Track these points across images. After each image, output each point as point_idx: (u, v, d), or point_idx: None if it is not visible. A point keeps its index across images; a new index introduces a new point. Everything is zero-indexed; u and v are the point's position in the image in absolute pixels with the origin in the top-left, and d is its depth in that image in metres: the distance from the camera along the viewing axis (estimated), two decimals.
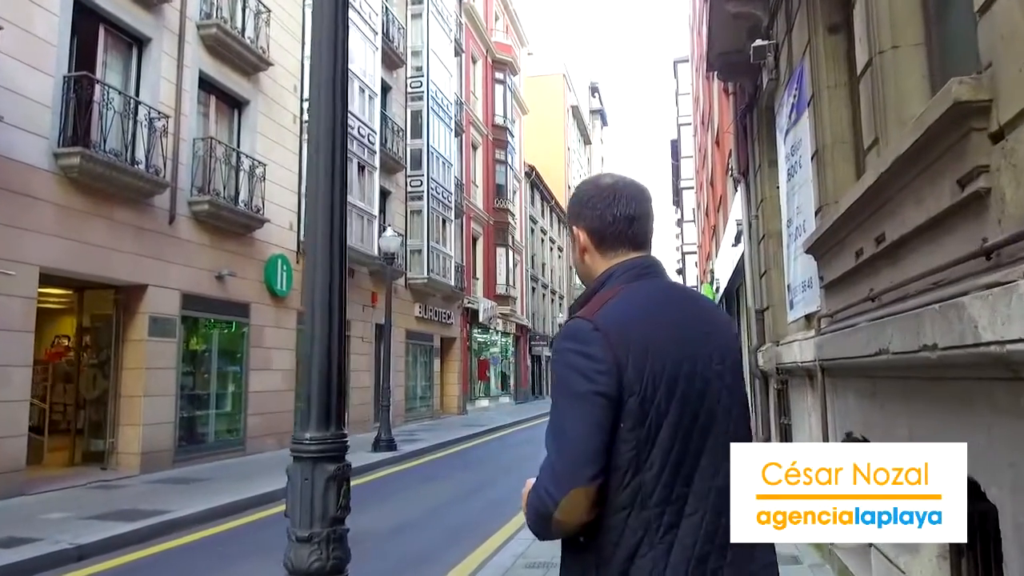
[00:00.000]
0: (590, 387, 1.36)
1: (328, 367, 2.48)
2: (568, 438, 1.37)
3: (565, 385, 1.40)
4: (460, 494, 9.89)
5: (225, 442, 13.05)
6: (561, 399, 1.41)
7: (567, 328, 1.46)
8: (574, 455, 1.35)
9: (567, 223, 1.73)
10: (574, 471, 1.34)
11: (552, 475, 1.36)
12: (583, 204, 1.62)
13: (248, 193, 13.28)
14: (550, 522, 1.37)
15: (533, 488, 1.41)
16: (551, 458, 1.38)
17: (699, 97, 25.56)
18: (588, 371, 1.37)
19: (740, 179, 10.37)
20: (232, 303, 13.06)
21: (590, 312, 1.45)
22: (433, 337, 24.12)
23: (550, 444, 1.40)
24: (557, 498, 1.34)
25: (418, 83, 22.26)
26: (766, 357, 8.71)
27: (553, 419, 1.42)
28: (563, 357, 1.42)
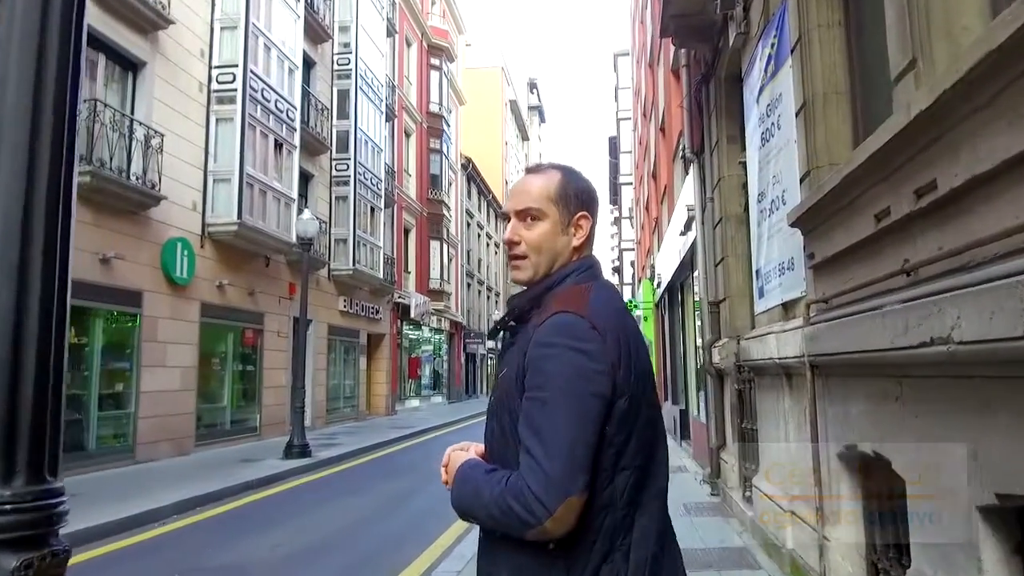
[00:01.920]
0: (589, 388, 1.30)
1: (15, 365, 1.28)
2: (562, 442, 1.27)
3: (559, 384, 1.30)
4: (380, 508, 8.65)
5: (110, 450, 11.42)
6: (554, 399, 1.30)
7: (560, 323, 1.35)
8: (571, 460, 1.27)
9: (561, 202, 1.52)
10: (571, 477, 1.26)
11: (545, 481, 1.25)
12: (591, 194, 1.56)
13: (142, 167, 11.67)
14: (531, 530, 1.26)
15: (505, 491, 1.28)
16: (539, 463, 1.27)
17: (641, 88, 24.88)
18: (587, 371, 1.31)
19: (693, 159, 9.46)
20: (121, 291, 11.43)
21: (575, 307, 1.37)
22: (359, 333, 22.65)
23: (534, 446, 1.29)
24: (552, 507, 1.24)
25: (346, 60, 20.77)
26: (723, 353, 7.79)
27: (540, 419, 1.30)
28: (558, 354, 1.32)
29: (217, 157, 13.96)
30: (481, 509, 1.33)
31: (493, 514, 1.31)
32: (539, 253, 1.49)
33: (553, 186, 1.51)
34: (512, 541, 1.32)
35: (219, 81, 14.07)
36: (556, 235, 1.49)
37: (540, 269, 1.49)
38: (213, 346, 14.61)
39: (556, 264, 1.50)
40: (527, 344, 1.38)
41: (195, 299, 13.43)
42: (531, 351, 1.35)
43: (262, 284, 16.03)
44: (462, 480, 1.40)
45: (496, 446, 1.45)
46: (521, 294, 1.52)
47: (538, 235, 1.49)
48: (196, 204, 13.52)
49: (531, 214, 1.49)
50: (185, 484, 9.60)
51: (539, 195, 1.51)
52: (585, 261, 1.52)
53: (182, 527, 7.72)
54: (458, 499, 1.40)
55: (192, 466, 11.52)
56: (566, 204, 1.50)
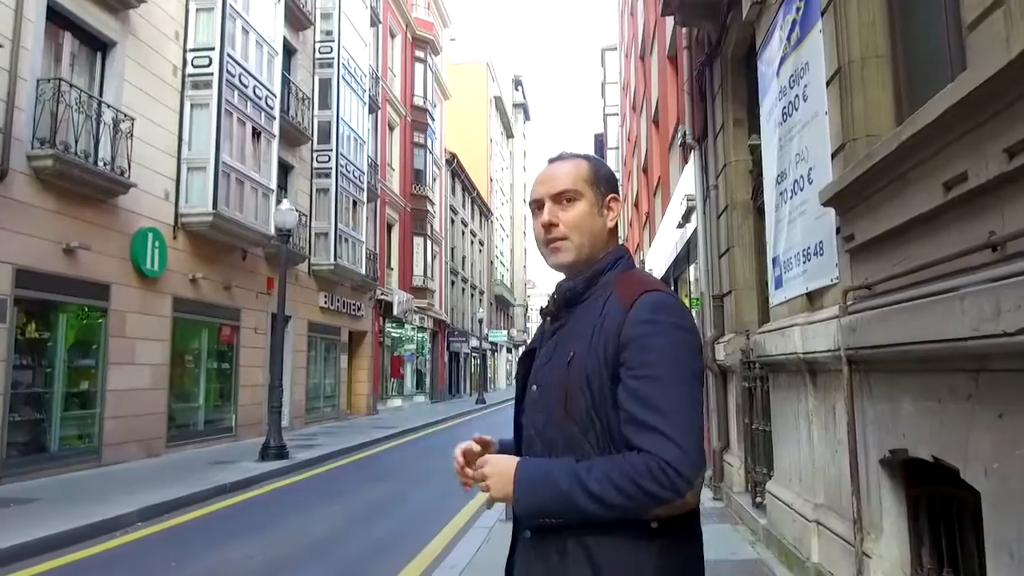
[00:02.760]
0: (696, 364, 1.33)
1: None
2: (687, 415, 1.28)
3: (673, 361, 1.30)
4: (362, 513, 8.10)
5: (74, 451, 10.76)
6: (670, 375, 1.29)
7: (661, 302, 1.35)
8: (698, 435, 1.28)
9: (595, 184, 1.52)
10: (700, 451, 1.27)
11: (680, 455, 1.23)
12: (616, 181, 1.59)
13: (110, 152, 11.02)
14: (664, 507, 1.25)
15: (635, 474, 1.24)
16: (670, 437, 1.24)
17: (630, 82, 24.46)
18: (693, 348, 1.35)
19: (694, 145, 9.00)
20: (87, 283, 10.78)
21: (659, 287, 1.40)
22: (340, 330, 22.02)
23: (659, 422, 1.26)
24: (692, 479, 1.24)
25: (328, 49, 20.13)
26: (729, 349, 7.34)
27: (657, 396, 1.27)
28: (666, 331, 1.32)
29: (191, 144, 13.31)
30: (586, 501, 1.26)
31: (611, 501, 1.25)
32: (580, 233, 1.48)
33: (584, 170, 1.52)
34: (615, 528, 1.29)
35: (194, 65, 13.42)
36: (593, 216, 1.49)
37: (584, 250, 1.48)
38: (186, 343, 13.96)
39: (597, 246, 1.50)
40: (604, 325, 1.37)
41: (167, 293, 12.77)
42: (630, 329, 1.33)
43: (239, 278, 15.37)
44: (540, 478, 1.32)
45: (559, 435, 1.39)
46: (573, 277, 1.49)
47: (578, 215, 1.48)
48: (168, 193, 12.87)
49: (567, 196, 1.49)
50: (153, 488, 9.00)
51: (574, 177, 1.50)
52: (625, 249, 1.54)
53: (147, 536, 7.14)
54: (539, 500, 1.31)
55: (162, 469, 10.90)
56: (598, 186, 1.51)
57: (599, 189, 1.51)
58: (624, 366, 1.31)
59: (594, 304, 1.42)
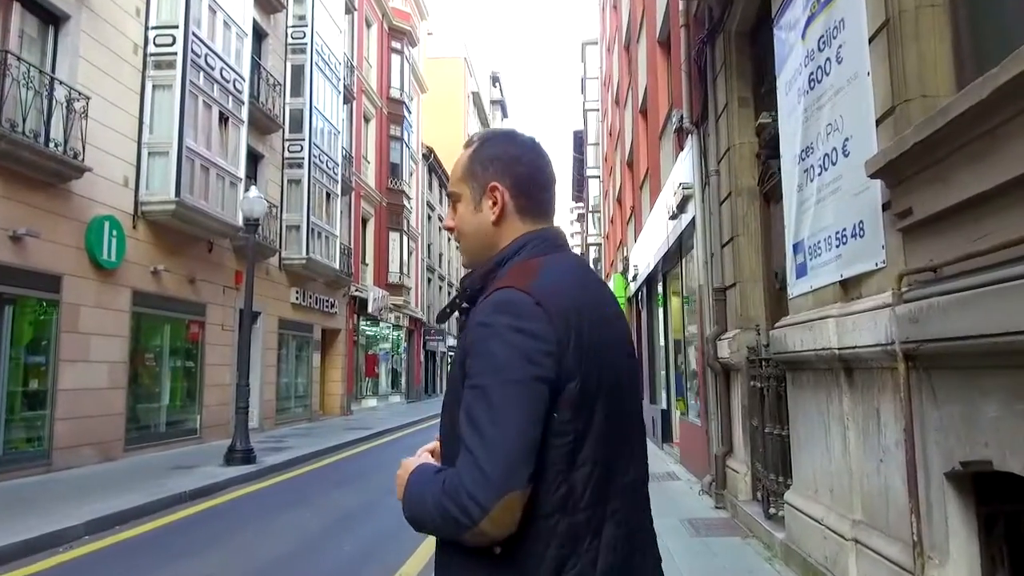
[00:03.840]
0: (532, 371, 1.12)
1: None
2: (501, 432, 1.09)
3: (498, 368, 1.13)
4: (332, 525, 7.42)
5: (20, 455, 9.93)
6: (492, 384, 1.12)
7: (499, 300, 1.18)
8: (510, 453, 1.09)
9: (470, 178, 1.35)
10: (510, 472, 1.08)
11: (480, 478, 1.08)
12: (508, 158, 1.35)
13: (63, 132, 10.20)
14: (467, 533, 1.09)
15: (443, 492, 1.11)
16: (474, 457, 1.09)
17: (612, 75, 23.97)
18: (531, 352, 1.13)
19: (692, 130, 8.46)
20: (35, 274, 9.95)
21: (518, 282, 1.20)
22: (313, 328, 21.22)
23: (471, 439, 1.11)
24: (487, 506, 1.07)
25: (300, 34, 19.33)
26: (733, 347, 6.80)
27: (477, 408, 1.12)
28: (497, 334, 1.15)
29: (153, 128, 12.50)
30: (426, 515, 1.15)
31: (435, 519, 1.13)
32: (464, 237, 1.39)
33: (462, 164, 1.38)
34: (461, 549, 1.16)
35: (156, 43, 12.61)
36: (471, 215, 1.36)
37: (473, 252, 1.39)
38: (147, 339, 13.13)
39: (485, 243, 1.36)
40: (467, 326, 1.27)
41: (125, 286, 11.95)
42: (470, 333, 1.20)
43: (204, 272, 14.56)
44: (411, 486, 1.22)
45: (447, 443, 1.28)
46: (471, 273, 1.38)
47: (460, 218, 1.38)
48: (128, 179, 12.05)
49: (453, 198, 1.40)
50: (105, 496, 8.25)
51: (454, 177, 1.40)
52: (541, 232, 1.34)
53: (92, 552, 6.41)
54: (408, 508, 1.21)
55: (118, 474, 10.11)
56: (474, 178, 1.35)
57: (475, 181, 1.36)
58: (466, 373, 1.20)
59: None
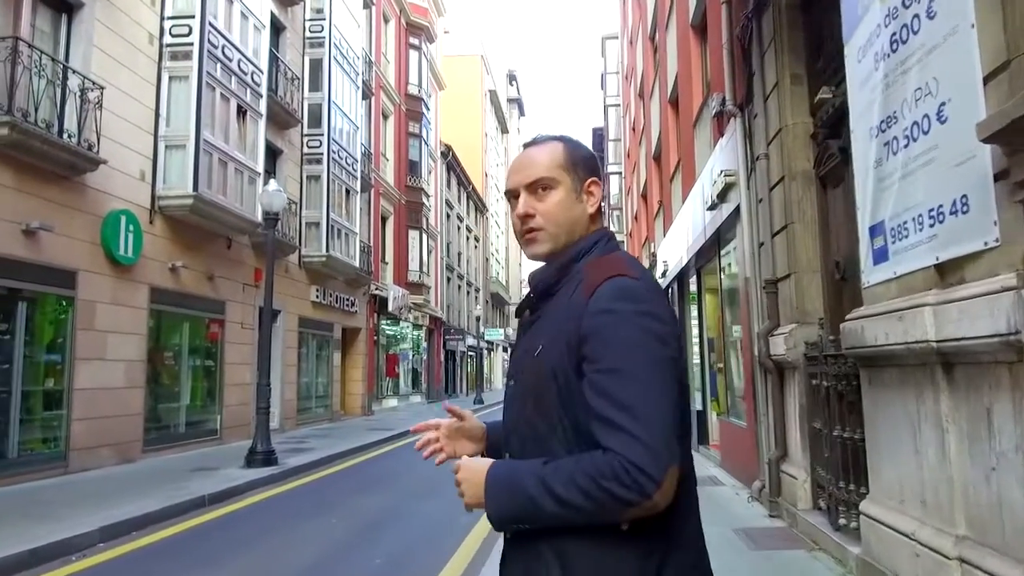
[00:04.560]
0: (667, 352, 1.22)
1: None
2: (653, 409, 1.16)
3: (635, 349, 1.19)
4: (355, 533, 7.00)
5: (37, 458, 9.63)
6: (633, 365, 1.18)
7: (620, 287, 1.25)
8: (666, 427, 1.17)
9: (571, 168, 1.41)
10: (670, 445, 1.16)
11: (646, 453, 1.13)
12: (595, 160, 1.47)
13: (78, 123, 9.88)
14: (635, 509, 1.15)
15: (596, 475, 1.14)
16: (634, 434, 1.14)
17: (635, 69, 23.44)
18: (663, 334, 1.23)
19: (735, 113, 7.95)
20: (50, 269, 9.64)
21: (624, 271, 1.28)
22: (333, 327, 20.88)
23: (622, 418, 1.15)
24: (659, 478, 1.13)
25: (319, 27, 18.99)
26: (789, 343, 6.30)
27: (620, 390, 1.17)
28: (626, 319, 1.21)
29: (170, 120, 12.18)
30: (553, 506, 1.17)
31: (577, 505, 1.16)
32: (557, 224, 1.39)
33: (560, 154, 1.42)
34: (578, 533, 1.20)
35: (172, 34, 12.29)
36: (571, 203, 1.40)
37: (560, 240, 1.39)
38: (166, 337, 12.83)
39: (575, 233, 1.40)
40: (568, 317, 1.27)
41: (143, 282, 11.64)
42: (589, 320, 1.23)
43: (223, 269, 14.24)
44: (507, 484, 1.23)
45: (529, 431, 1.31)
46: (545, 267, 1.41)
47: (554, 205, 1.39)
48: (145, 173, 11.73)
49: (543, 184, 1.39)
50: (122, 500, 7.91)
51: (549, 164, 1.41)
52: (606, 231, 1.44)
53: (106, 561, 6.04)
54: (506, 507, 1.22)
55: (136, 477, 9.78)
56: (575, 171, 1.41)
57: (577, 173, 1.41)
58: (587, 360, 1.22)
59: (565, 293, 1.34)
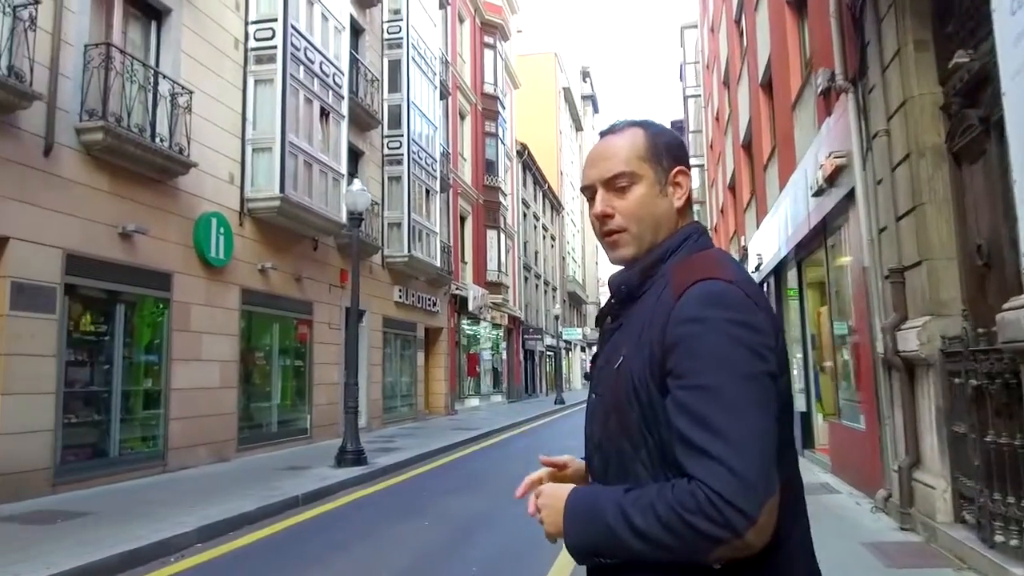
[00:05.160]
0: (761, 366, 1.04)
1: None
2: (747, 433, 0.99)
3: (726, 364, 1.02)
4: (453, 537, 6.75)
5: (137, 456, 9.84)
6: (724, 382, 1.01)
7: (711, 292, 1.07)
8: (763, 454, 0.99)
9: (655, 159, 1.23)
10: (767, 475, 0.98)
11: (737, 484, 0.96)
12: (681, 146, 1.28)
13: (168, 127, 10.07)
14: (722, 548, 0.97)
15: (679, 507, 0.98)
16: (724, 462, 0.97)
17: (718, 56, 22.59)
18: (756, 346, 1.05)
19: (847, 88, 7.32)
20: (146, 271, 9.84)
21: (718, 273, 1.10)
22: (416, 326, 20.93)
23: (710, 443, 0.99)
24: (754, 515, 0.95)
25: (396, 28, 19.04)
26: (923, 337, 5.67)
27: (708, 409, 1.00)
28: (716, 329, 1.04)
29: (256, 123, 12.33)
30: (632, 538, 1.02)
31: (657, 539, 1.00)
32: (640, 223, 1.22)
33: (641, 143, 1.24)
34: (657, 570, 1.05)
35: (256, 38, 12.44)
36: (655, 198, 1.23)
37: (645, 241, 1.23)
38: (257, 338, 13.00)
39: (661, 232, 1.23)
40: (653, 324, 1.11)
41: (234, 284, 11.81)
42: (674, 330, 1.07)
43: (310, 270, 14.38)
44: (585, 511, 1.10)
45: (612, 451, 1.17)
46: (626, 270, 1.25)
47: (635, 202, 1.22)
48: (233, 176, 11.90)
49: (623, 179, 1.22)
50: (218, 500, 7.94)
51: (628, 156, 1.23)
52: (696, 226, 1.26)
53: (205, 562, 5.98)
54: (584, 536, 1.09)
55: (231, 476, 9.88)
56: (659, 161, 1.23)
57: (661, 164, 1.23)
58: (671, 374, 1.06)
59: (650, 297, 1.17)
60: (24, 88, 7.61)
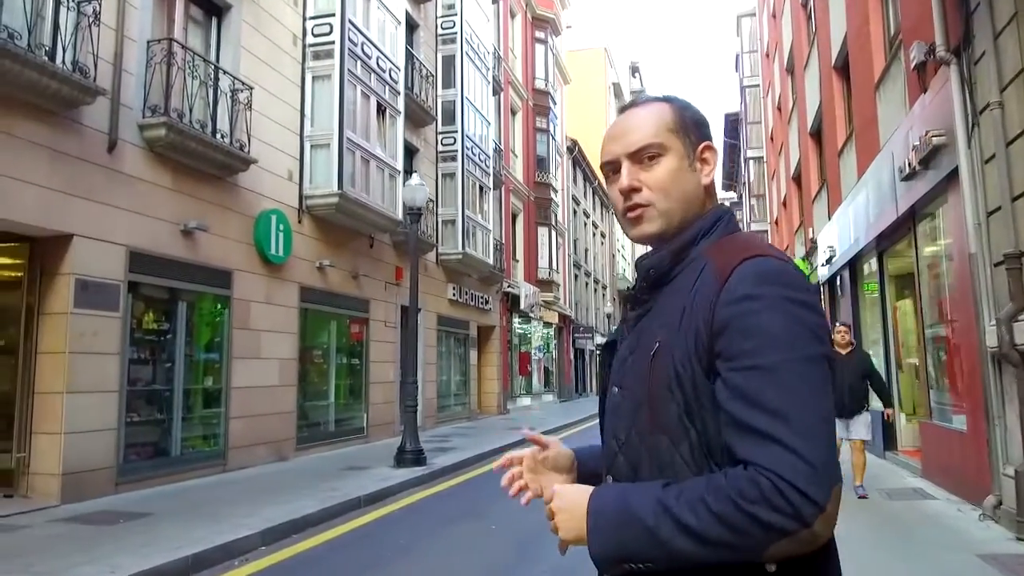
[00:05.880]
0: (821, 348, 0.98)
1: None
2: (812, 417, 0.92)
3: (786, 344, 0.95)
4: (514, 546, 6.37)
5: (198, 455, 9.77)
6: (784, 363, 0.95)
7: (767, 270, 1.01)
8: (829, 439, 0.93)
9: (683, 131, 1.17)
10: (832, 464, 0.91)
11: (806, 470, 0.89)
12: (708, 125, 1.22)
13: (229, 124, 9.98)
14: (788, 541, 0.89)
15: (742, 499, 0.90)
16: (790, 447, 0.90)
17: (779, 42, 21.80)
18: (816, 327, 0.99)
19: (948, 60, 6.74)
20: (206, 268, 9.77)
21: (762, 252, 1.04)
22: (469, 324, 20.70)
23: (775, 427, 0.91)
24: (822, 501, 0.89)
25: (450, 23, 18.83)
26: None
27: (770, 392, 0.93)
28: (774, 306, 0.98)
29: (314, 120, 12.21)
30: (678, 537, 0.93)
31: (710, 535, 0.91)
32: (668, 197, 1.15)
33: (668, 115, 1.19)
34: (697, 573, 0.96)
35: (314, 34, 12.32)
36: (684, 172, 1.16)
37: (674, 218, 1.15)
38: (314, 336, 12.90)
39: (691, 210, 1.17)
40: (694, 307, 1.03)
41: (293, 281, 11.70)
42: (725, 310, 1.00)
43: (366, 267, 14.24)
44: (616, 513, 1.00)
45: (645, 450, 1.07)
46: (657, 251, 1.16)
47: (664, 174, 1.15)
48: (292, 173, 11.79)
49: (650, 151, 1.16)
50: (280, 500, 7.77)
51: (656, 127, 1.17)
52: (726, 208, 1.19)
53: (272, 566, 5.78)
54: (615, 542, 1.00)
55: (291, 475, 9.74)
56: (687, 134, 1.18)
57: (689, 138, 1.18)
58: (721, 356, 0.99)
59: (684, 281, 1.09)
60: (88, 83, 7.55)
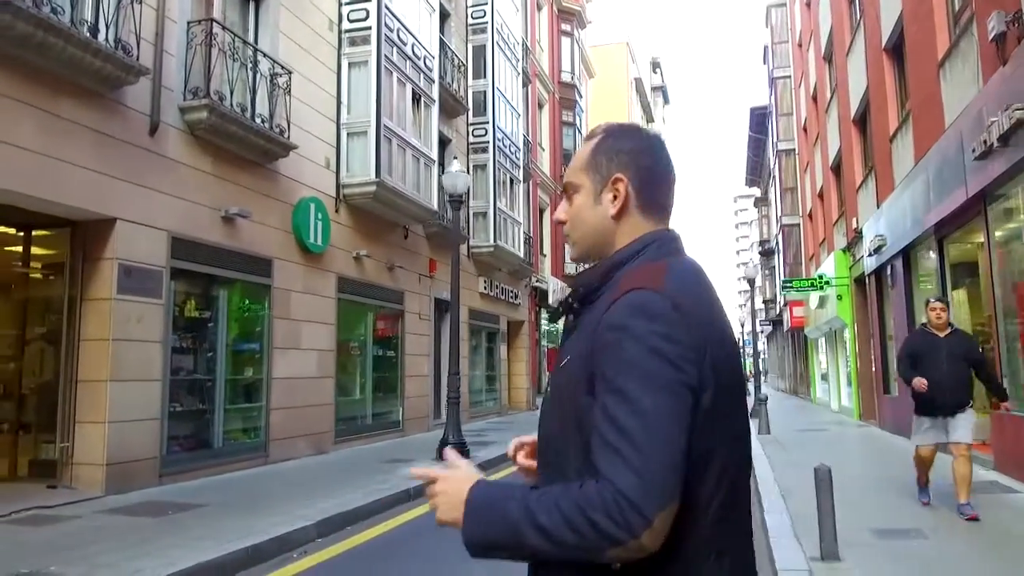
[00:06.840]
0: (678, 376, 1.03)
1: None
2: (656, 439, 0.99)
3: (643, 373, 1.02)
4: None
5: (240, 447, 9.57)
6: (639, 390, 1.01)
7: (636, 302, 1.08)
8: (666, 460, 0.99)
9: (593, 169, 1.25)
10: (668, 480, 0.98)
11: (639, 485, 0.96)
12: (634, 150, 1.24)
13: (268, 108, 9.75)
14: (618, 549, 0.97)
15: (585, 504, 0.97)
16: (630, 463, 0.97)
17: (816, 30, 21.30)
18: (675, 357, 1.04)
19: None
20: (247, 256, 9.55)
21: (652, 283, 1.10)
22: (499, 319, 20.41)
23: (620, 444, 0.99)
24: (650, 515, 0.95)
25: (480, 13, 18.53)
26: None
27: (622, 413, 1.01)
28: (637, 337, 1.05)
29: (351, 107, 11.98)
30: (534, 535, 1.00)
31: (558, 536, 0.99)
32: (575, 229, 1.28)
33: (585, 154, 1.28)
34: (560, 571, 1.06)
35: (350, 19, 12.08)
36: (588, 208, 1.25)
37: (584, 247, 1.28)
38: (351, 327, 12.66)
39: (600, 238, 1.25)
40: (594, 329, 1.12)
41: (331, 271, 11.48)
42: (602, 335, 1.09)
43: (401, 258, 13.99)
44: (489, 506, 1.07)
45: (552, 451, 1.18)
46: (587, 271, 1.26)
47: (575, 210, 1.28)
48: (329, 161, 11.57)
49: (570, 188, 1.29)
50: (328, 493, 7.54)
51: (574, 167, 1.30)
52: (664, 233, 1.24)
53: (333, 559, 5.55)
54: (484, 531, 1.06)
55: (334, 468, 9.52)
56: (597, 169, 1.25)
57: (598, 172, 1.25)
58: (596, 376, 1.07)
59: (601, 303, 1.15)
60: (131, 62, 7.33)
